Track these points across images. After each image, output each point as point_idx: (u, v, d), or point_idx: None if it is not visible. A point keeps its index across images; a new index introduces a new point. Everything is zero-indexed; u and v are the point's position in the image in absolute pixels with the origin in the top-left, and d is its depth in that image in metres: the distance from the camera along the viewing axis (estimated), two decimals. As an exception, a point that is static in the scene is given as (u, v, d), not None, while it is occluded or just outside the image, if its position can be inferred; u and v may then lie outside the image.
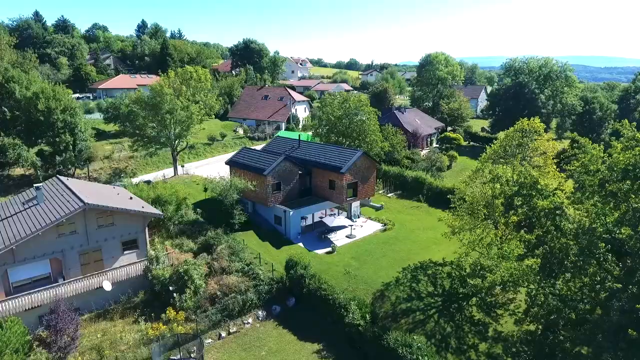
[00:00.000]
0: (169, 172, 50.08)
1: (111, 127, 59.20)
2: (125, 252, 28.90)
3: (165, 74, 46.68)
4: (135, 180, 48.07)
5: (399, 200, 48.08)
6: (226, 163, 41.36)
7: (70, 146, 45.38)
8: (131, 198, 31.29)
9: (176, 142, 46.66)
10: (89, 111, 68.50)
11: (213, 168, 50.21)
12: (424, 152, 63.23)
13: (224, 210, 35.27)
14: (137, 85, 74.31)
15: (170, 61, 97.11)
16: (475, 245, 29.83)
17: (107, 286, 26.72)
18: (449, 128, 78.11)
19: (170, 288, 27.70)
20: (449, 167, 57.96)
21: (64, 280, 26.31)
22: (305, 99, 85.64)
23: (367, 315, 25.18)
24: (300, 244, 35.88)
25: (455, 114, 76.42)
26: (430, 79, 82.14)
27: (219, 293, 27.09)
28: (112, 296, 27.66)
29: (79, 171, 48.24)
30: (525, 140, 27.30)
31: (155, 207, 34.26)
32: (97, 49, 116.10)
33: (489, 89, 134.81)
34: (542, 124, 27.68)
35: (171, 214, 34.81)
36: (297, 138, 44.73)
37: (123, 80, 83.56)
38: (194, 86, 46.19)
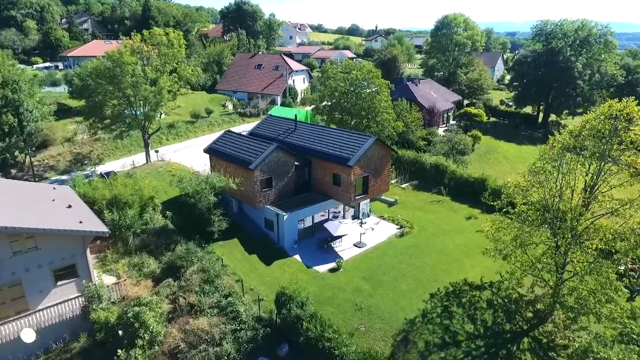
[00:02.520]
0: (141, 157, 42.03)
1: (78, 103, 50.55)
2: (59, 283, 21.33)
3: (128, 37, 37.44)
4: (99, 169, 40.17)
5: (415, 193, 40.24)
6: (204, 151, 33.24)
7: (18, 129, 37.18)
8: (70, 206, 23.40)
9: (146, 123, 38.20)
10: (55, 83, 59.55)
11: (195, 153, 42.13)
12: (441, 131, 54.78)
13: (199, 215, 27.52)
14: (113, 52, 64.67)
15: (153, 25, 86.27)
16: (528, 268, 22.37)
17: (28, 337, 19.29)
18: (466, 101, 69.09)
19: (120, 333, 20.43)
20: (471, 149, 49.72)
21: (-34, 329, 18.96)
22: (304, 68, 76.00)
23: (390, 386, 17.92)
24: (297, 257, 28.40)
25: (475, 86, 67.20)
26: (447, 45, 72.00)
27: (183, 345, 19.70)
28: (41, 345, 20.36)
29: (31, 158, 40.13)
30: (618, 129, 19.07)
31: (111, 211, 26.55)
32: (72, 12, 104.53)
33: (505, 56, 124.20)
34: (638, 107, 19.36)
35: (131, 220, 26.97)
36: (294, 118, 36.14)
37: (97, 47, 73.37)
38: (165, 53, 37.10)
